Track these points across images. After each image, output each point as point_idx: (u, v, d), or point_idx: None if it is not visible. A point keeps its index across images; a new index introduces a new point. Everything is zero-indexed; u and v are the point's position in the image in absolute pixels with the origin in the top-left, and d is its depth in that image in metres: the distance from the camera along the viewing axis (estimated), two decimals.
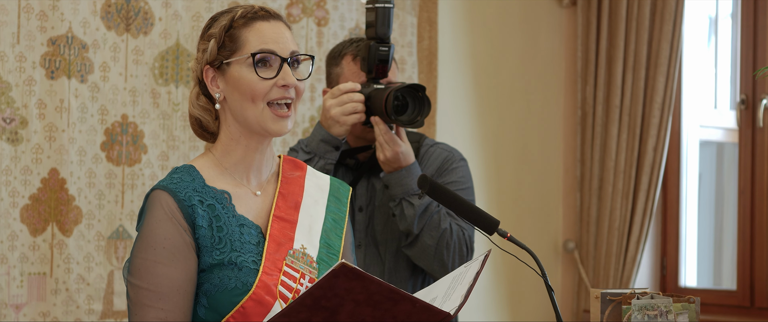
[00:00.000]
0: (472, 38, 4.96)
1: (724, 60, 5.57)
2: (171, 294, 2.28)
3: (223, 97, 2.39)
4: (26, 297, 3.81)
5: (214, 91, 2.39)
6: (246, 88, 2.34)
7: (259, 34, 2.36)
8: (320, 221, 2.46)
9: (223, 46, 2.37)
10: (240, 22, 2.37)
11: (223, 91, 2.38)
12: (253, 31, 2.36)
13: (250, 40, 2.35)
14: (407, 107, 3.17)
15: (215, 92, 2.39)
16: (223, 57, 2.37)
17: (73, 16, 3.89)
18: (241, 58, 2.35)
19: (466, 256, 3.23)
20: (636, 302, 2.18)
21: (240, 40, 2.36)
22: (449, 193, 2.47)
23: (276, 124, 2.35)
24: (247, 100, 2.35)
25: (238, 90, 2.35)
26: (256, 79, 2.34)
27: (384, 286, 2.09)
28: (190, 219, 2.31)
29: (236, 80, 2.35)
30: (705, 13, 5.43)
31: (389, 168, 3.18)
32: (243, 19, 2.37)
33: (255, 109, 2.35)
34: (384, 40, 3.19)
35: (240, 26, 2.37)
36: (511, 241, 2.40)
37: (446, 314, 2.16)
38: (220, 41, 2.37)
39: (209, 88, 2.39)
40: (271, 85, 2.34)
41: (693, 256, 5.37)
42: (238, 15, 2.37)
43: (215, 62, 2.38)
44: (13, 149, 3.77)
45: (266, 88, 2.34)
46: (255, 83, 2.34)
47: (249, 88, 2.34)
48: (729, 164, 5.82)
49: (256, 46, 2.35)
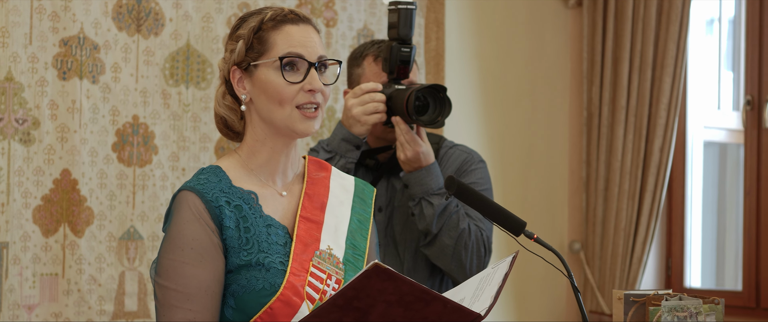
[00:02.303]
0: (478, 39, 4.97)
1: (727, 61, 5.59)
2: (199, 295, 2.28)
3: (250, 99, 2.38)
4: (38, 298, 3.80)
5: (241, 92, 2.39)
6: (273, 91, 2.34)
7: (288, 38, 2.36)
8: (346, 222, 2.46)
9: (251, 47, 2.37)
10: (269, 25, 2.36)
11: (249, 92, 2.38)
12: (282, 35, 2.36)
13: (278, 44, 2.35)
14: (428, 107, 3.18)
15: (241, 94, 2.39)
16: (250, 59, 2.37)
17: (84, 17, 3.88)
18: (268, 61, 2.35)
19: (484, 256, 3.24)
20: (665, 303, 2.19)
21: (268, 42, 2.36)
22: (476, 194, 2.48)
23: (303, 125, 2.35)
24: (275, 104, 2.34)
25: (265, 93, 2.35)
26: (283, 83, 2.33)
27: (416, 286, 2.10)
28: (218, 220, 2.31)
29: (263, 83, 2.35)
30: (706, 15, 5.44)
31: (409, 168, 3.19)
32: (272, 22, 2.36)
33: (282, 112, 2.35)
34: (406, 42, 3.21)
35: (269, 29, 2.36)
36: (538, 242, 2.41)
37: (477, 315, 2.16)
38: (249, 43, 2.37)
39: (235, 89, 2.39)
40: (297, 90, 2.34)
41: (697, 257, 5.38)
42: (268, 17, 2.37)
43: (242, 64, 2.38)
44: (25, 150, 3.77)
45: (293, 92, 2.34)
46: (282, 87, 2.34)
47: (276, 92, 2.34)
48: (732, 164, 5.84)
49: (284, 49, 2.34)
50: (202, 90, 4.14)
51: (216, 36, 4.16)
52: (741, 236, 5.17)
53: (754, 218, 4.98)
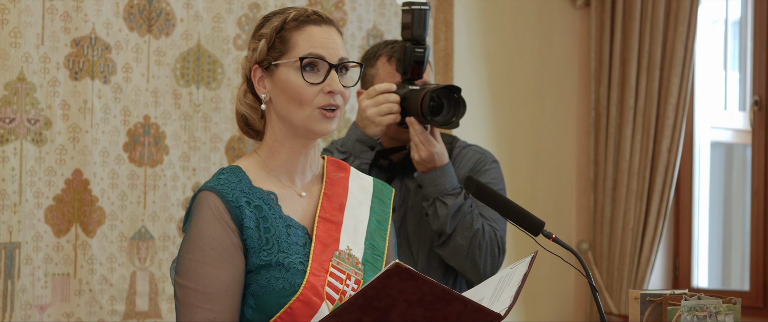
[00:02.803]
0: (487, 39, 4.97)
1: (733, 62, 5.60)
2: (219, 295, 2.29)
3: (270, 98, 2.39)
4: (50, 298, 3.80)
5: (261, 91, 2.39)
6: (293, 91, 2.35)
7: (310, 38, 2.36)
8: (365, 222, 2.47)
9: (273, 47, 2.37)
10: (292, 25, 2.37)
11: (269, 92, 2.39)
12: (304, 35, 2.36)
13: (300, 44, 2.35)
14: (442, 108, 3.19)
15: (262, 93, 2.39)
16: (271, 58, 2.37)
17: (96, 17, 3.89)
18: (289, 61, 2.35)
19: (498, 256, 3.25)
20: (685, 302, 2.20)
21: (290, 42, 2.36)
22: (495, 194, 2.48)
23: (321, 125, 2.36)
24: (294, 104, 2.35)
25: (285, 93, 2.36)
26: (303, 84, 2.34)
27: (436, 286, 2.10)
28: (238, 220, 2.31)
29: (283, 83, 2.36)
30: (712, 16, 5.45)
31: (423, 168, 3.20)
32: (295, 22, 2.37)
33: (302, 112, 2.35)
34: (420, 42, 3.22)
35: (291, 28, 2.37)
36: (556, 242, 2.42)
37: (497, 315, 2.16)
38: (271, 42, 2.37)
39: (256, 88, 2.40)
40: (317, 91, 2.34)
41: (704, 257, 5.39)
42: (291, 17, 2.37)
43: (264, 63, 2.38)
44: (37, 150, 3.77)
45: (313, 93, 2.34)
46: (302, 88, 2.34)
47: (296, 92, 2.34)
48: (738, 165, 5.85)
49: (306, 50, 2.35)
50: (213, 90, 4.14)
51: (226, 36, 4.17)
52: (747, 236, 5.17)
53: (762, 218, 4.98)
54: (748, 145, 5.39)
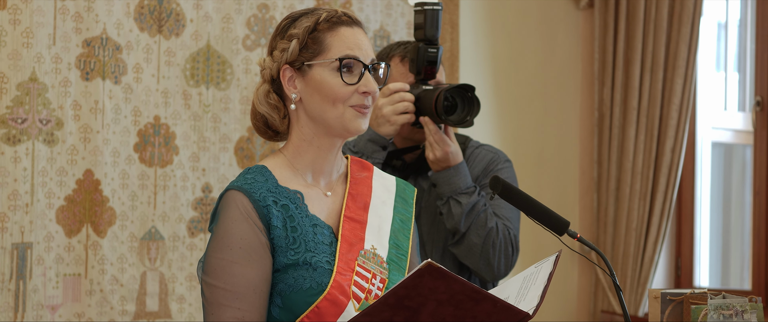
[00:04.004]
0: (492, 40, 4.99)
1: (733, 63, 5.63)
2: (248, 294, 2.29)
3: (300, 98, 2.40)
4: (61, 298, 3.81)
5: (291, 91, 2.40)
6: (329, 91, 2.36)
7: (343, 40, 2.37)
8: (389, 222, 2.48)
9: (306, 47, 2.38)
10: (324, 26, 2.38)
11: (300, 92, 2.39)
12: (337, 36, 2.38)
13: (334, 45, 2.37)
14: (456, 107, 3.21)
15: (292, 93, 2.40)
16: (304, 58, 2.38)
17: (107, 18, 3.90)
18: (324, 62, 2.36)
19: (512, 255, 3.26)
20: (712, 301, 2.22)
21: (324, 43, 2.37)
22: (521, 194, 2.50)
23: (355, 122, 2.37)
24: (328, 103, 2.36)
25: (320, 93, 2.37)
26: (340, 84, 2.35)
27: (467, 285, 2.11)
28: (266, 219, 2.32)
29: (318, 83, 2.37)
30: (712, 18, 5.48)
31: (438, 167, 3.22)
32: (327, 23, 2.38)
33: (335, 110, 2.36)
34: (433, 42, 3.23)
35: (324, 30, 2.38)
36: (581, 241, 2.43)
37: (526, 314, 2.18)
38: (303, 42, 2.38)
39: (286, 87, 2.40)
40: (352, 91, 2.36)
41: (706, 256, 5.42)
42: (323, 18, 2.38)
43: (295, 63, 2.39)
44: (49, 150, 3.78)
45: (348, 93, 2.36)
46: (338, 87, 2.35)
47: (332, 92, 2.36)
48: (738, 165, 5.88)
49: (341, 51, 2.36)
50: (222, 91, 4.15)
51: (236, 37, 4.18)
52: (747, 235, 5.20)
53: (764, 218, 5.01)
54: (747, 145, 5.43)
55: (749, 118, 5.24)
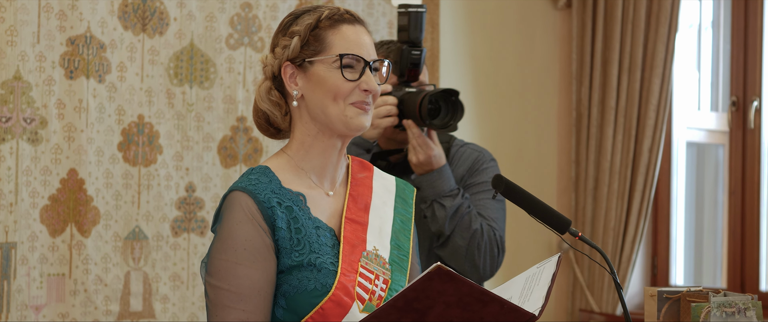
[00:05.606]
0: (471, 40, 5.01)
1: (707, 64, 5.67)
2: (252, 295, 2.29)
3: (301, 95, 2.39)
4: (46, 298, 3.78)
5: (293, 88, 2.40)
6: (329, 87, 2.36)
7: (344, 37, 2.37)
8: (389, 222, 2.48)
9: (307, 44, 2.38)
10: (326, 23, 2.38)
11: (301, 88, 2.39)
12: (339, 34, 2.38)
13: (336, 43, 2.37)
14: (440, 111, 3.21)
15: (293, 89, 2.40)
16: (305, 55, 2.38)
17: (91, 16, 3.87)
18: (326, 59, 2.36)
19: (497, 256, 3.27)
20: (715, 299, 2.24)
21: (325, 41, 2.37)
22: (524, 193, 2.52)
23: (357, 119, 2.37)
24: (329, 99, 2.36)
25: (321, 89, 2.36)
26: (342, 80, 2.35)
27: (475, 287, 2.12)
28: (270, 221, 2.32)
29: (320, 79, 2.36)
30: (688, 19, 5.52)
31: (421, 170, 3.22)
32: (329, 21, 2.38)
33: (336, 107, 2.36)
34: (416, 44, 3.23)
35: (326, 27, 2.38)
36: (582, 240, 2.45)
37: (532, 315, 2.19)
38: (304, 40, 2.38)
39: (287, 84, 2.40)
40: (353, 87, 2.36)
41: (681, 255, 5.47)
42: (325, 15, 2.38)
43: (297, 60, 2.39)
44: (33, 149, 3.75)
45: (349, 89, 2.36)
46: (340, 84, 2.35)
47: (332, 88, 2.35)
48: (711, 164, 5.93)
49: (343, 48, 2.36)
50: (206, 90, 4.14)
51: (219, 36, 4.16)
52: (720, 234, 5.25)
53: (739, 217, 5.07)
54: (720, 145, 5.47)
55: (722, 118, 5.28)
